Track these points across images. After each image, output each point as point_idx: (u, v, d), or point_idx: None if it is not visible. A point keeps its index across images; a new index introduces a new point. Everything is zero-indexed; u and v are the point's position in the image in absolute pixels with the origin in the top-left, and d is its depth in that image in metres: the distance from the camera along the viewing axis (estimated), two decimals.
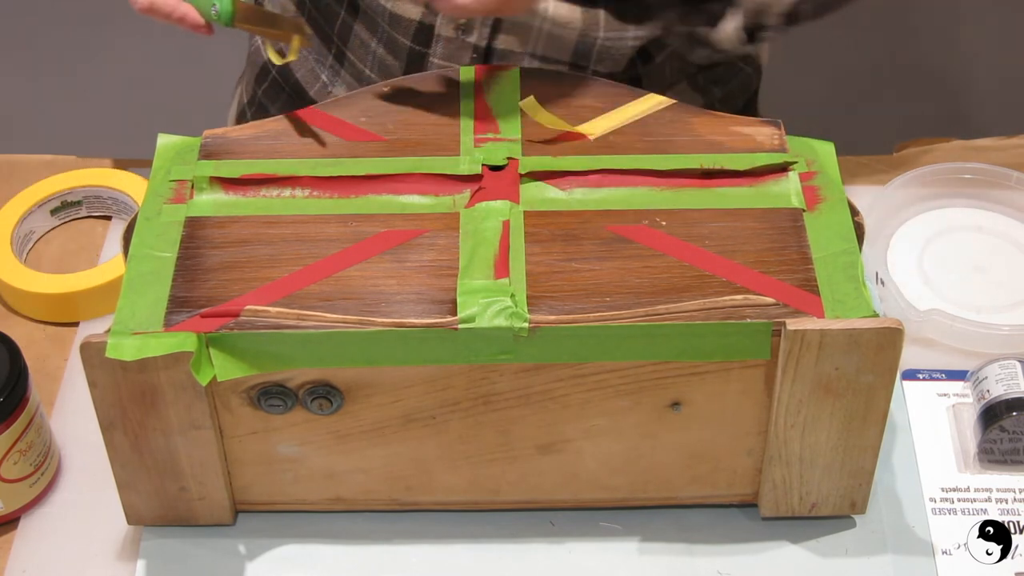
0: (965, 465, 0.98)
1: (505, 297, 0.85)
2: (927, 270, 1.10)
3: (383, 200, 0.92)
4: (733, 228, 0.90)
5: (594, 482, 0.93)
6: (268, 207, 0.92)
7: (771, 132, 0.96)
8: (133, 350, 0.83)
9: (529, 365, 0.86)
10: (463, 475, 0.92)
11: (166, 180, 0.94)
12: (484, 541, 0.94)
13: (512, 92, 0.99)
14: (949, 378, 1.03)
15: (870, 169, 1.19)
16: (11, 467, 0.93)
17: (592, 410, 0.89)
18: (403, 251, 0.89)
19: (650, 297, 0.86)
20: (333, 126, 0.97)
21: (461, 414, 0.89)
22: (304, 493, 0.93)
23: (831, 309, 0.85)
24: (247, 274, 0.87)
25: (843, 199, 0.92)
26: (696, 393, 0.88)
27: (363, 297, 0.86)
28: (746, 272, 0.87)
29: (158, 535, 0.94)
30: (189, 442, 0.89)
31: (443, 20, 1.08)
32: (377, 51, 1.15)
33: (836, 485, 0.92)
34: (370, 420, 0.89)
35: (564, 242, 0.89)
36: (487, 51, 1.10)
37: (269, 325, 0.84)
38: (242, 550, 0.94)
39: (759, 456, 0.91)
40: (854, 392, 0.87)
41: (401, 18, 1.10)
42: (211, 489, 0.92)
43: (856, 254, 0.89)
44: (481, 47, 1.10)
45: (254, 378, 0.86)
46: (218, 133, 0.97)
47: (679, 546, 0.94)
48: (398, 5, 1.10)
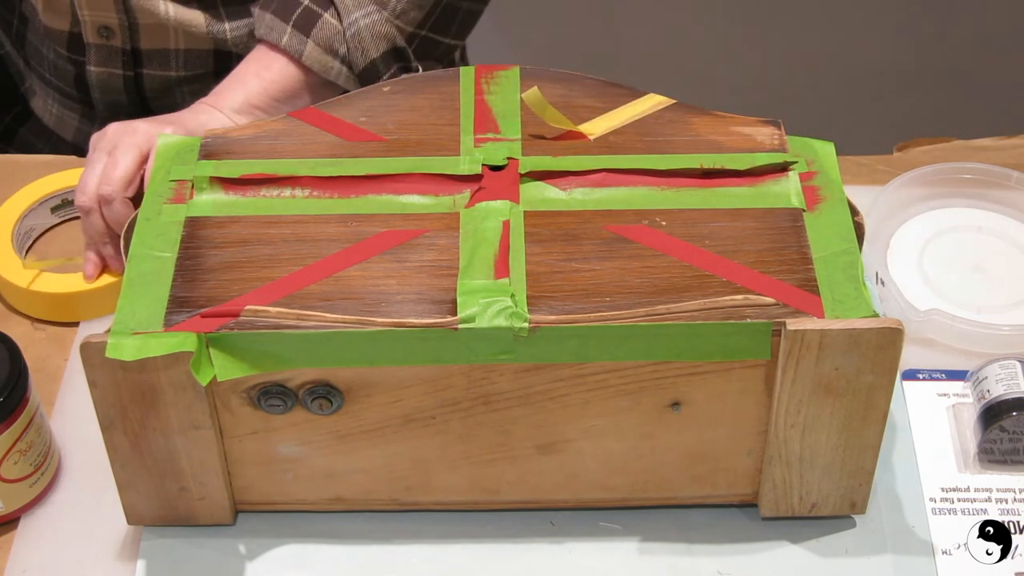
0: (965, 465, 0.98)
1: (505, 297, 0.85)
2: (927, 270, 1.10)
3: (383, 200, 0.92)
4: (733, 228, 0.90)
5: (594, 482, 0.93)
6: (268, 207, 0.92)
7: (771, 132, 0.96)
8: (133, 350, 0.83)
9: (529, 365, 0.86)
10: (463, 475, 0.92)
11: (166, 180, 0.94)
12: (484, 541, 0.94)
13: (512, 92, 0.99)
14: (949, 378, 1.03)
15: (870, 169, 1.19)
16: (11, 467, 0.93)
17: (592, 410, 0.88)
18: (403, 251, 0.89)
19: (650, 297, 0.86)
20: (333, 126, 0.97)
21: (461, 414, 0.89)
22: (304, 493, 0.93)
23: (831, 309, 0.85)
24: (247, 274, 0.87)
25: (843, 199, 0.92)
26: (696, 393, 0.88)
27: (363, 297, 0.86)
28: (746, 272, 0.87)
29: (158, 535, 0.94)
30: (189, 442, 0.89)
31: (87, 28, 1.12)
32: (49, 56, 1.21)
33: (836, 485, 0.92)
34: (370, 420, 0.89)
35: (564, 242, 0.89)
36: (135, 53, 1.14)
37: (269, 325, 0.84)
38: (242, 550, 0.94)
39: (759, 456, 0.91)
40: (854, 392, 0.87)
41: (52, 30, 1.15)
42: (211, 489, 0.92)
43: (856, 254, 0.89)
44: (128, 50, 1.14)
45: (254, 378, 0.86)
46: (218, 133, 0.97)
47: (679, 546, 0.94)
48: (48, 17, 1.14)
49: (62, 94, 1.23)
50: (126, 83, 1.18)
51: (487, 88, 0.99)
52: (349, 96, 1.00)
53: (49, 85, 1.23)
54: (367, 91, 1.00)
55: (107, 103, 1.22)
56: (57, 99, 1.24)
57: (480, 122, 0.97)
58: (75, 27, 1.14)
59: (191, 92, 1.20)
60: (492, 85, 1.00)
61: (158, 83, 1.19)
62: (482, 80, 1.00)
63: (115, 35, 1.13)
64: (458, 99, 0.99)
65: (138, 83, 1.18)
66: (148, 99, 1.21)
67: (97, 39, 1.13)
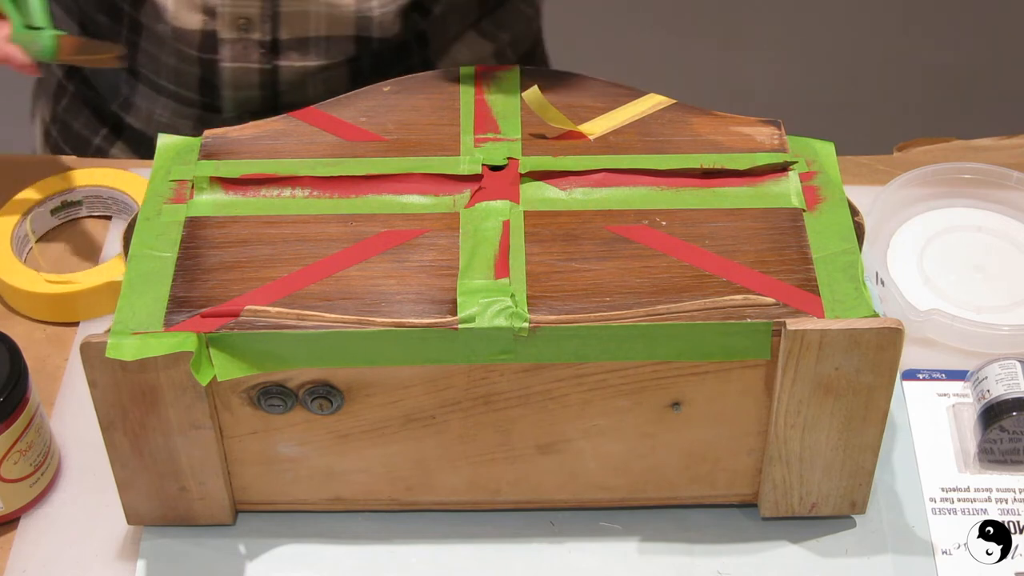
0: (965, 465, 0.98)
1: (505, 297, 0.85)
2: (927, 270, 1.10)
3: (383, 200, 0.92)
4: (733, 228, 0.90)
5: (594, 482, 0.93)
6: (268, 207, 0.92)
7: (771, 132, 0.96)
8: (133, 350, 0.83)
9: (529, 365, 0.86)
10: (463, 475, 0.92)
11: (166, 180, 0.94)
12: (484, 541, 0.94)
13: (512, 92, 0.99)
14: (949, 378, 1.03)
15: (870, 169, 1.19)
16: (11, 467, 0.93)
17: (592, 410, 0.89)
18: (403, 251, 0.89)
19: (650, 297, 0.86)
20: (333, 126, 0.97)
21: (461, 414, 0.89)
22: (304, 493, 0.93)
23: (831, 309, 0.85)
24: (247, 274, 0.87)
25: (843, 199, 0.92)
26: (696, 393, 0.88)
27: (363, 297, 0.86)
28: (746, 272, 0.87)
29: (158, 535, 0.94)
30: (189, 442, 0.89)
31: (224, 24, 1.10)
32: (168, 62, 1.18)
33: (836, 485, 0.92)
34: (370, 420, 0.89)
35: (564, 242, 0.89)
36: (273, 44, 1.11)
37: (269, 325, 0.84)
38: (242, 550, 0.94)
39: (759, 456, 0.91)
40: (854, 392, 0.87)
41: (183, 31, 1.11)
42: (211, 489, 0.92)
43: (856, 254, 0.89)
44: (267, 41, 1.11)
45: (254, 378, 0.86)
46: (218, 133, 0.97)
47: (679, 546, 0.94)
48: (179, 18, 1.11)
49: (179, 100, 1.20)
50: (262, 77, 1.16)
51: (487, 88, 0.99)
52: (349, 96, 1.00)
53: (162, 93, 1.20)
54: (367, 91, 1.00)
55: (238, 100, 1.19)
56: (171, 106, 1.20)
57: (480, 122, 0.97)
58: (208, 24, 1.12)
59: (324, 83, 1.18)
60: (492, 85, 1.00)
61: (294, 75, 1.17)
62: (482, 80, 1.00)
63: (253, 26, 1.11)
64: (458, 99, 0.99)
65: (274, 76, 1.16)
66: (281, 93, 1.19)
67: (233, 33, 1.11)
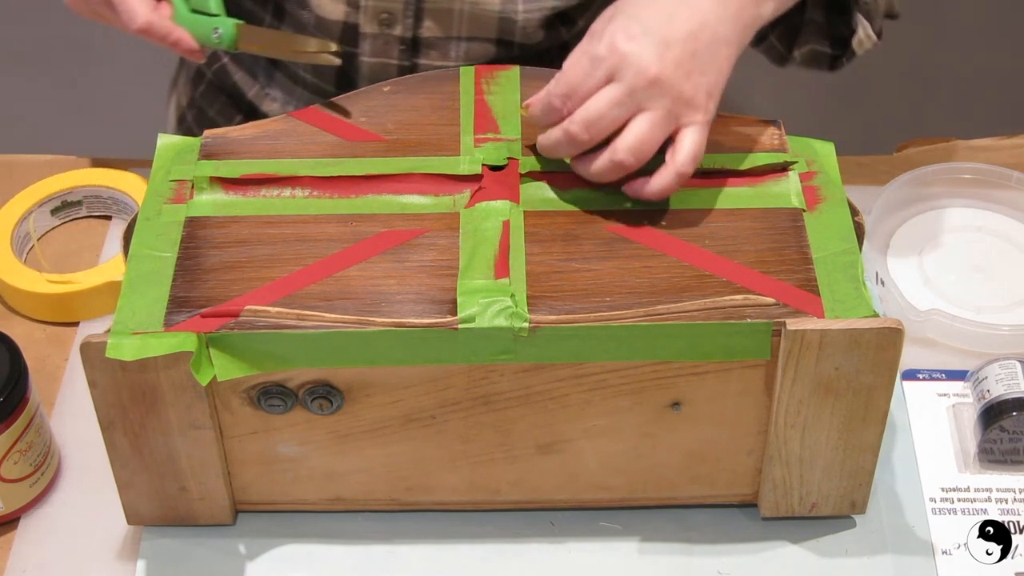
0: (965, 465, 0.98)
1: (505, 297, 0.85)
2: (927, 270, 1.10)
3: (383, 200, 0.92)
4: (733, 228, 0.90)
5: (594, 482, 0.93)
6: (268, 207, 0.92)
7: (771, 132, 0.96)
8: (133, 350, 0.83)
9: (529, 365, 0.86)
10: (463, 475, 0.92)
11: (166, 180, 0.94)
12: (484, 541, 0.94)
13: (512, 92, 0.99)
14: (949, 378, 1.03)
15: (870, 169, 1.19)
16: (11, 467, 0.93)
17: (592, 410, 0.88)
18: (403, 251, 0.89)
19: (650, 297, 0.86)
20: (333, 126, 0.97)
21: (461, 414, 0.89)
22: (304, 493, 0.93)
23: (831, 309, 0.85)
24: (247, 274, 0.87)
25: (843, 199, 0.92)
26: (696, 393, 0.88)
27: (363, 297, 0.86)
28: (746, 272, 0.87)
29: (158, 535, 0.94)
30: (189, 442, 0.89)
31: (366, 17, 1.09)
32: None
33: (836, 485, 0.92)
34: (370, 420, 0.89)
35: (564, 242, 0.89)
36: (414, 41, 1.10)
37: (269, 325, 0.84)
38: (242, 550, 0.94)
39: (759, 456, 0.91)
40: (854, 392, 0.87)
41: (326, 20, 1.10)
42: (211, 489, 0.92)
43: (856, 254, 0.89)
44: (408, 38, 1.10)
45: (254, 378, 0.86)
46: (218, 133, 0.97)
47: (679, 546, 0.94)
48: (322, 7, 1.10)
49: (315, 91, 1.18)
50: (400, 74, 1.13)
51: (487, 88, 0.99)
52: (349, 96, 1.00)
53: (299, 83, 1.18)
54: (367, 91, 1.00)
55: None
56: (306, 97, 1.18)
57: (480, 122, 0.97)
58: (351, 15, 1.10)
59: None
60: (492, 85, 1.00)
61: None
62: (482, 80, 1.00)
63: (396, 21, 1.09)
64: (458, 99, 0.99)
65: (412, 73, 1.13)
66: None
67: (375, 27, 1.09)
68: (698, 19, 0.89)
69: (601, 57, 0.88)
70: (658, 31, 0.88)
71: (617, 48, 0.88)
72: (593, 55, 0.89)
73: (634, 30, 0.88)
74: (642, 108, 0.88)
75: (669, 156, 0.90)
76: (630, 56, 0.88)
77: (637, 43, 0.88)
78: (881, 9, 0.98)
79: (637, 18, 0.89)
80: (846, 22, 1.00)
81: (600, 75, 0.88)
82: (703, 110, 0.90)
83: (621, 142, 0.89)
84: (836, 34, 1.01)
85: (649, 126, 0.88)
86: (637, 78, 0.87)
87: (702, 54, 0.89)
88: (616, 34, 0.88)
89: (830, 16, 1.01)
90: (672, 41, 0.88)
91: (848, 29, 1.00)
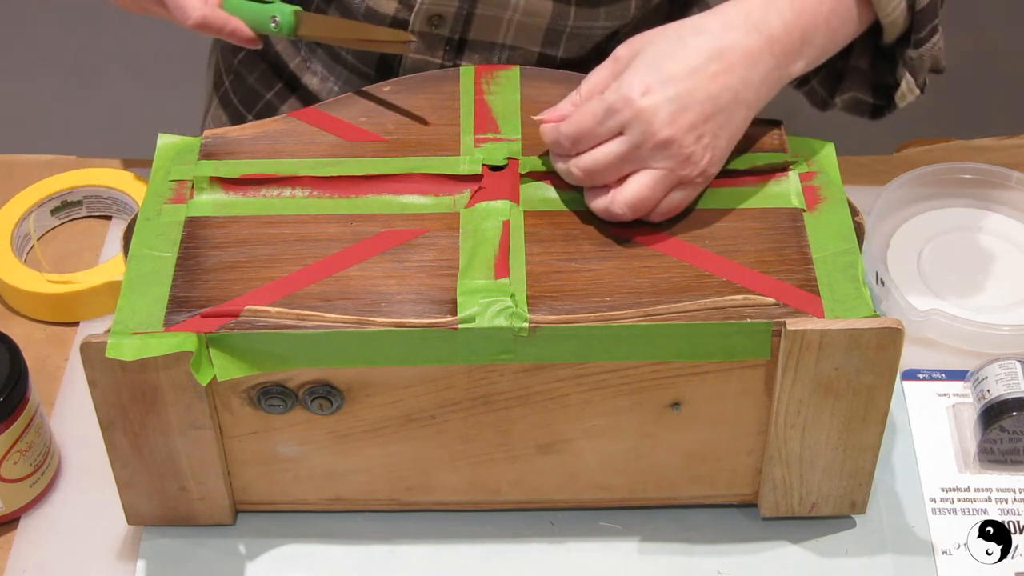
0: (965, 465, 0.98)
1: (505, 297, 0.85)
2: (927, 270, 1.10)
3: (383, 200, 0.92)
4: (733, 228, 0.90)
5: (594, 482, 0.93)
6: (268, 207, 0.92)
7: (771, 132, 0.96)
8: (133, 350, 0.83)
9: (529, 365, 0.86)
10: (463, 475, 0.92)
11: (166, 180, 0.94)
12: (484, 541, 0.94)
13: (512, 92, 0.99)
14: (949, 378, 1.03)
15: (870, 169, 1.19)
16: (11, 467, 0.93)
17: (592, 410, 0.88)
18: (403, 251, 0.89)
19: (650, 297, 0.86)
20: (333, 126, 0.97)
21: (461, 414, 0.89)
22: (304, 493, 0.93)
23: (831, 309, 0.85)
24: (247, 274, 0.87)
25: (843, 199, 0.92)
26: (696, 393, 0.88)
27: (363, 297, 0.86)
28: (746, 272, 0.87)
29: (158, 535, 0.94)
30: (189, 442, 0.89)
31: (417, 16, 1.08)
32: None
33: (836, 485, 0.92)
34: (370, 420, 0.89)
35: (564, 242, 0.89)
36: (460, 43, 1.10)
37: (269, 325, 0.84)
38: (242, 550, 0.94)
39: (759, 456, 0.91)
40: (854, 392, 0.87)
41: (376, 13, 1.09)
42: (211, 489, 0.92)
43: (856, 254, 0.89)
44: (455, 40, 1.10)
45: (254, 378, 0.86)
46: (218, 133, 0.97)
47: (679, 546, 0.94)
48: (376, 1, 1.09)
49: (355, 72, 1.17)
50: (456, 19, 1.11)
51: (487, 88, 0.99)
52: (349, 96, 1.00)
53: (340, 63, 1.17)
54: (367, 91, 1.00)
55: None
56: (344, 76, 1.17)
57: (480, 122, 0.97)
58: (401, 12, 1.09)
59: None
60: (492, 85, 1.00)
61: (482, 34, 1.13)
62: (482, 80, 1.00)
63: (445, 24, 1.08)
64: (458, 99, 0.99)
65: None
66: None
67: (425, 27, 1.08)
68: (722, 81, 0.88)
69: (615, 109, 0.87)
70: (678, 88, 0.87)
71: (632, 103, 0.87)
72: (609, 105, 0.87)
73: (652, 83, 0.87)
74: (646, 165, 0.88)
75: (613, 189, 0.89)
76: (643, 113, 0.86)
77: (652, 99, 0.86)
78: (927, 65, 0.96)
79: (659, 67, 0.87)
80: (891, 71, 0.98)
81: (612, 125, 0.87)
82: (703, 174, 0.89)
83: (620, 195, 0.89)
84: (880, 83, 1.00)
85: (651, 184, 0.88)
86: (646, 137, 0.87)
87: (718, 118, 0.88)
88: (634, 86, 0.87)
89: (875, 63, 0.99)
90: (690, 103, 0.87)
91: (892, 79, 0.99)
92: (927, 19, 0.93)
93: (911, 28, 0.94)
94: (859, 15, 0.92)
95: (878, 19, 0.94)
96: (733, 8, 0.90)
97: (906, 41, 0.95)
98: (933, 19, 0.94)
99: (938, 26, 0.95)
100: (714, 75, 0.87)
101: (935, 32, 0.94)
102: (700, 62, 0.87)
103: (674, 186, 0.89)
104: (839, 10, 0.91)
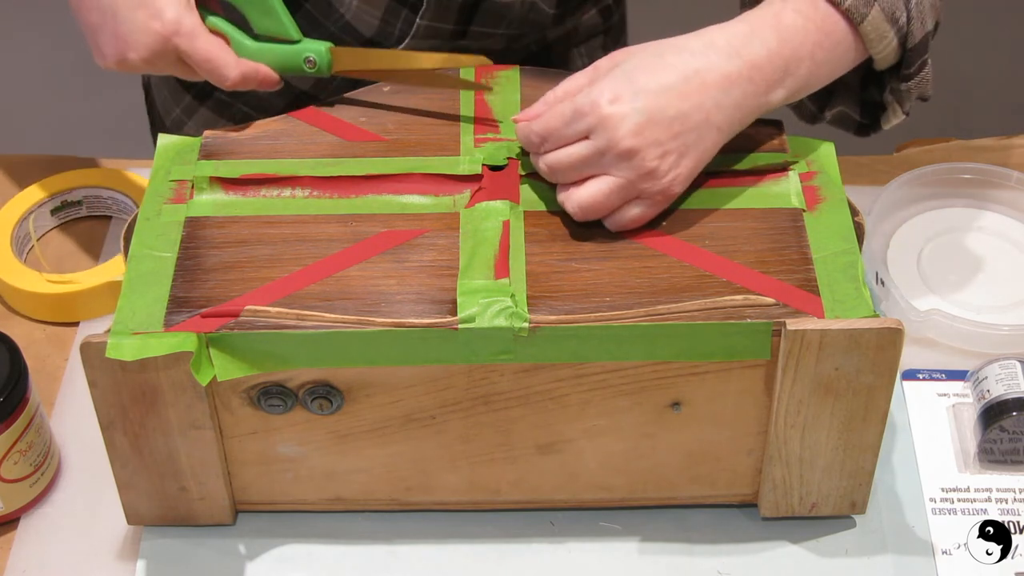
0: (965, 465, 0.98)
1: (505, 297, 0.85)
2: (927, 270, 1.10)
3: (383, 200, 0.92)
4: (733, 228, 0.90)
5: (594, 482, 0.93)
6: (268, 207, 0.92)
7: (771, 132, 0.96)
8: (133, 350, 0.83)
9: (529, 365, 0.86)
10: (463, 475, 0.92)
11: (166, 180, 0.94)
12: (484, 541, 0.94)
13: (512, 92, 0.99)
14: (949, 378, 1.03)
15: (870, 169, 1.19)
16: (11, 467, 0.93)
17: (592, 410, 0.88)
18: (403, 251, 0.89)
19: (650, 297, 0.86)
20: (333, 126, 0.97)
21: (461, 414, 0.89)
22: (304, 493, 0.93)
23: (831, 309, 0.85)
24: (247, 274, 0.87)
25: (843, 199, 0.92)
26: (696, 393, 0.88)
27: (363, 297, 0.86)
28: (746, 272, 0.87)
29: (158, 535, 0.94)
30: (189, 442, 0.89)
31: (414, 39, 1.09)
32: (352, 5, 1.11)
33: (836, 485, 0.92)
34: (370, 420, 0.89)
35: (564, 242, 0.89)
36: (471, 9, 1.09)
37: (269, 325, 0.84)
38: (242, 550, 0.94)
39: (759, 456, 0.91)
40: (854, 392, 0.87)
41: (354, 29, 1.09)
42: (211, 489, 0.92)
43: (856, 254, 0.89)
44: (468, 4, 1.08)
45: (254, 378, 0.86)
46: (218, 133, 0.97)
47: (679, 546, 0.94)
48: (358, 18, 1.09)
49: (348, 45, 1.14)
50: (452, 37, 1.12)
51: (487, 88, 0.99)
52: (349, 96, 1.00)
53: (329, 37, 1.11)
54: (367, 91, 1.00)
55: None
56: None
57: (480, 122, 0.97)
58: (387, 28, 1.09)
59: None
60: (492, 85, 0.99)
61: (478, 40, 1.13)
62: (482, 80, 1.00)
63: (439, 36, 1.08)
64: (458, 99, 0.99)
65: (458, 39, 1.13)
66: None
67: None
68: (695, 101, 0.87)
69: (583, 112, 0.87)
70: (647, 101, 0.87)
71: (599, 108, 0.87)
72: (577, 107, 0.88)
73: (624, 93, 0.87)
74: (607, 172, 0.88)
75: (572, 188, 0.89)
76: (609, 120, 0.86)
77: (620, 108, 0.86)
78: (913, 95, 0.96)
79: (632, 79, 0.87)
80: (879, 92, 0.98)
81: (578, 128, 0.88)
82: (664, 192, 0.89)
83: (575, 194, 0.89)
84: (868, 99, 1.00)
85: (607, 191, 0.88)
86: (610, 144, 0.87)
87: (687, 137, 0.88)
88: (604, 93, 0.87)
89: (866, 83, 0.99)
90: (658, 119, 0.87)
91: (880, 99, 0.99)
92: (917, 55, 0.93)
93: (901, 63, 0.94)
94: (848, 50, 0.92)
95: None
96: (719, 32, 0.90)
97: (895, 73, 0.95)
98: (924, 54, 0.94)
99: (928, 60, 0.95)
100: (686, 94, 0.87)
101: (924, 66, 0.94)
102: (674, 80, 0.87)
103: (632, 198, 0.89)
104: (826, 44, 0.91)
